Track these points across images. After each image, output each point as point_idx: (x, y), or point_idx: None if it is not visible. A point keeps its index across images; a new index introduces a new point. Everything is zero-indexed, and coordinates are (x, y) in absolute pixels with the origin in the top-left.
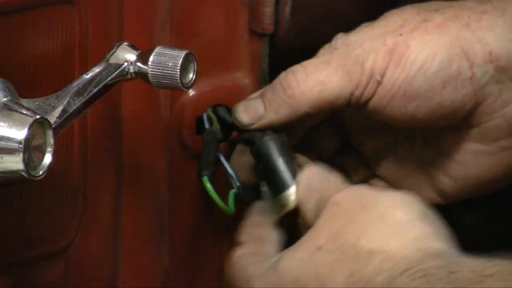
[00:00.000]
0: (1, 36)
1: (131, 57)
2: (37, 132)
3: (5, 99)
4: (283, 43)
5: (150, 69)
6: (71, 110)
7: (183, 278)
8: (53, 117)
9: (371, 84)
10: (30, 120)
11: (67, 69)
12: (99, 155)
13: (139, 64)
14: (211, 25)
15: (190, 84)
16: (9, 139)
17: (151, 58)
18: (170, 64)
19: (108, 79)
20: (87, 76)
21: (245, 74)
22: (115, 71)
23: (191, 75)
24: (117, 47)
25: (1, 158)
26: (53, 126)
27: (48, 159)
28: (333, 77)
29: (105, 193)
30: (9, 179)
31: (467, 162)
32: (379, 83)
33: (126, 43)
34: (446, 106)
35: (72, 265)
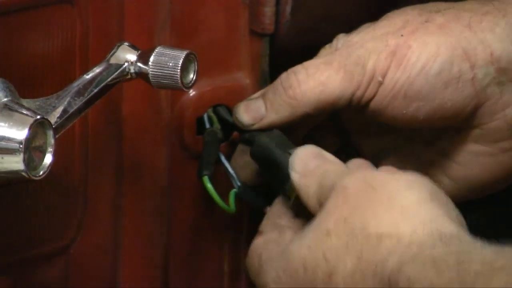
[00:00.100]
0: (2, 36)
1: (132, 57)
2: (37, 132)
3: (5, 99)
4: (284, 43)
5: (150, 69)
6: (71, 110)
7: (183, 278)
8: (54, 117)
9: (372, 84)
10: (31, 120)
11: (67, 69)
12: (100, 155)
13: (139, 64)
14: (211, 25)
15: (190, 84)
16: (9, 139)
17: (151, 58)
18: (171, 64)
19: (109, 79)
20: (88, 76)
21: (245, 74)
22: (115, 71)
23: (192, 75)
24: (118, 47)
25: (2, 158)
26: (53, 126)
27: (48, 159)
28: (334, 77)
29: (106, 193)
30: (9, 179)
31: (467, 163)
32: (380, 84)
33: (126, 43)
34: (447, 107)
35: (72, 265)
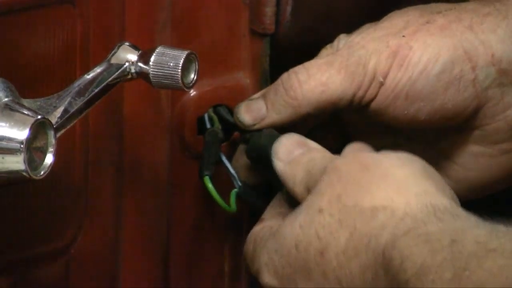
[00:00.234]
0: (3, 36)
1: (133, 57)
2: (38, 132)
3: (6, 99)
4: (284, 43)
5: (151, 69)
6: (72, 110)
7: (183, 278)
8: (55, 117)
9: (373, 85)
10: (32, 120)
11: (68, 69)
12: (101, 155)
13: (140, 64)
14: (212, 25)
15: (191, 84)
16: (10, 139)
17: (152, 58)
18: (171, 64)
19: (110, 79)
20: (89, 76)
21: (246, 74)
22: (116, 71)
23: (192, 75)
24: (119, 47)
25: (3, 158)
26: (54, 126)
27: (49, 159)
28: (335, 78)
29: (106, 193)
30: (10, 179)
31: (468, 164)
32: (381, 85)
33: (127, 43)
34: (448, 108)
35: (73, 264)
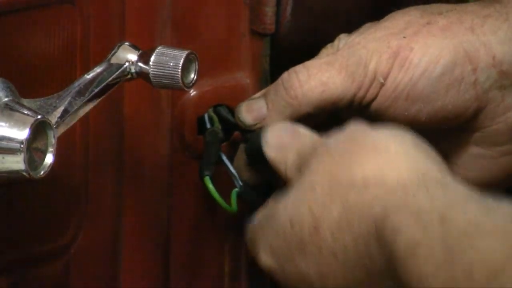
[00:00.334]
0: (2, 36)
1: (133, 57)
2: (38, 132)
3: (6, 99)
4: (285, 43)
5: (151, 69)
6: (72, 110)
7: (183, 278)
8: (55, 117)
9: (374, 85)
10: (32, 120)
11: (68, 69)
12: (101, 155)
13: (140, 64)
14: (212, 25)
15: (191, 84)
16: (10, 139)
17: (152, 58)
18: (171, 64)
19: (110, 79)
20: (89, 76)
21: (246, 74)
22: (116, 71)
23: (192, 75)
24: (119, 47)
25: (3, 158)
26: (54, 126)
27: (49, 159)
28: (335, 78)
29: (106, 193)
30: (10, 179)
31: (468, 165)
32: (382, 85)
33: (127, 43)
34: (449, 110)
35: (73, 264)
